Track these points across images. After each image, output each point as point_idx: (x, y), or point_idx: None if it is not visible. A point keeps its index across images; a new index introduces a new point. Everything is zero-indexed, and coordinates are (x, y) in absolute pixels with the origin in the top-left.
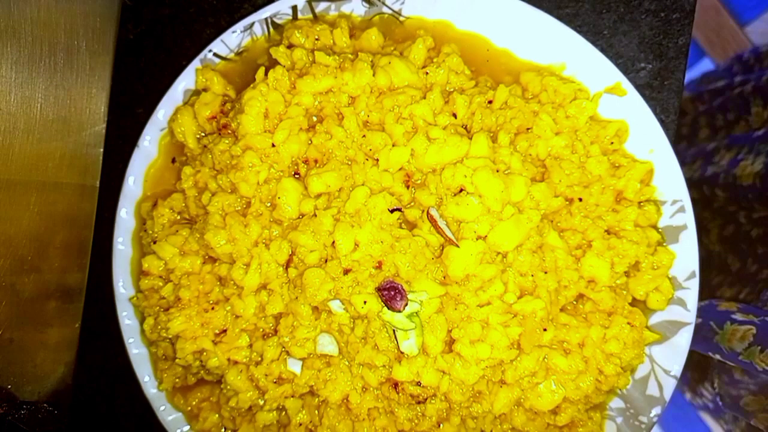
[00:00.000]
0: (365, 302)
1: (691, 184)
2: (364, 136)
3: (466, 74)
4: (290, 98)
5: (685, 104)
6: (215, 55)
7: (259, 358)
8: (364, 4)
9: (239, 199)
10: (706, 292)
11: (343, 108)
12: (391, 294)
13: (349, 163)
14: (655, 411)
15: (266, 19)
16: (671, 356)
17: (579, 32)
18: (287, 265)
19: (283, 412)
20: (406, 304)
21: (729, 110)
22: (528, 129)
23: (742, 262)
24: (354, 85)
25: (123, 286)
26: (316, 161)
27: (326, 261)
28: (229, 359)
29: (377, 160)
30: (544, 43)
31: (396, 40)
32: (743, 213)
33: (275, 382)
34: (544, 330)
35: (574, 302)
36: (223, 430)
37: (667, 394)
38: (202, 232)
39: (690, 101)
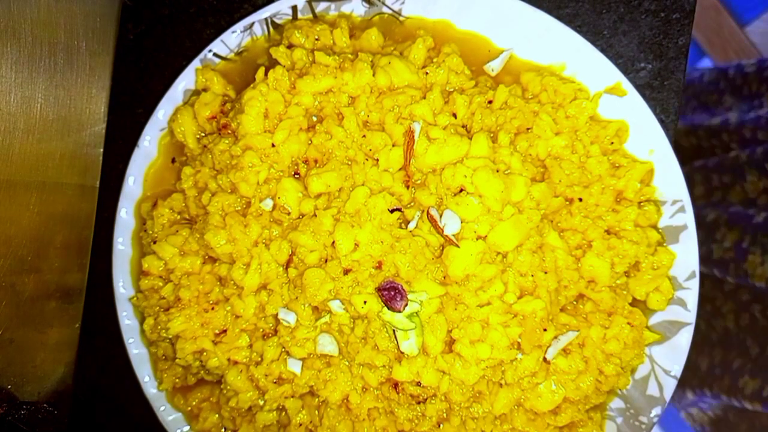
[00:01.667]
0: (365, 302)
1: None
2: (364, 136)
3: (466, 74)
4: (290, 98)
5: (679, 137)
6: (215, 55)
7: (259, 359)
8: (364, 4)
9: (239, 199)
10: (728, 378)
11: (343, 108)
12: (391, 294)
13: (349, 163)
14: (656, 411)
15: (266, 19)
16: (671, 356)
17: (579, 32)
18: (287, 265)
19: (283, 413)
20: (406, 304)
21: (724, 173)
22: (528, 129)
23: (762, 347)
24: (354, 85)
25: (123, 286)
26: (316, 161)
27: (326, 261)
28: (229, 359)
29: (377, 160)
30: (544, 43)
31: (396, 40)
32: (758, 307)
33: (275, 383)
34: (545, 330)
35: (575, 302)
36: (223, 430)
37: (667, 395)
38: (202, 232)
39: (684, 134)
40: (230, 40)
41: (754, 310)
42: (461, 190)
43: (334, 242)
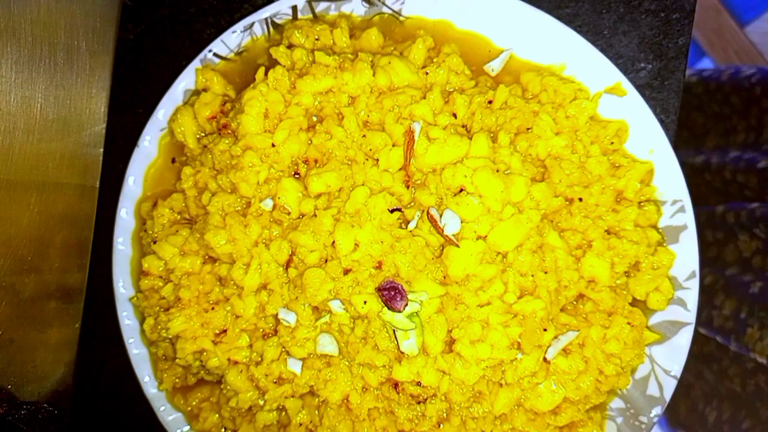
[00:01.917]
0: (365, 302)
1: (699, 321)
2: (364, 136)
3: (466, 74)
4: (290, 98)
5: None
6: (215, 55)
7: (259, 359)
8: (364, 4)
9: (239, 199)
10: None
11: (343, 108)
12: (391, 294)
13: (349, 163)
14: (656, 411)
15: (266, 19)
16: (671, 356)
17: (579, 32)
18: (287, 265)
19: (283, 413)
20: (407, 304)
21: (717, 229)
22: (528, 129)
23: None
24: (354, 85)
25: (123, 286)
26: (316, 161)
27: (326, 261)
28: (229, 359)
29: (377, 160)
30: (544, 43)
31: (396, 40)
32: (764, 378)
33: (275, 382)
34: (545, 330)
35: (575, 302)
36: (223, 430)
37: (667, 394)
38: (202, 232)
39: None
40: (230, 40)
41: (759, 381)
42: (461, 190)
43: (334, 242)
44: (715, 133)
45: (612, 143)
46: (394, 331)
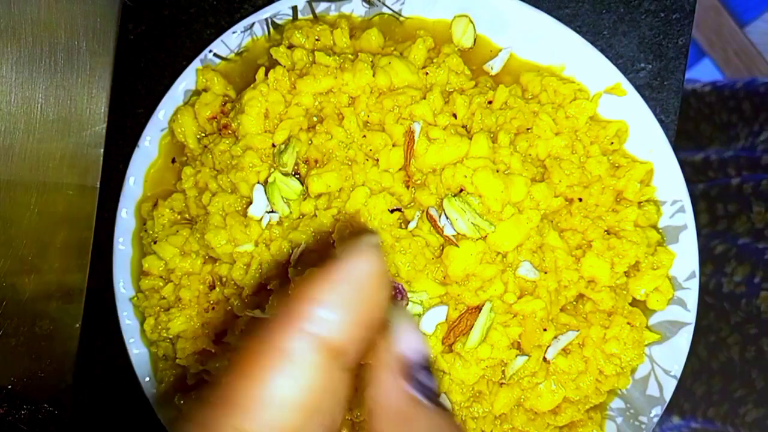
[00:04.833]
0: None
1: (705, 290)
2: (364, 136)
3: (466, 74)
4: (290, 98)
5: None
6: (215, 55)
7: None
8: (364, 4)
9: (240, 199)
10: (727, 405)
11: (343, 108)
12: (391, 294)
13: (350, 163)
14: (655, 411)
15: (266, 19)
16: (671, 356)
17: (579, 32)
18: (287, 266)
19: None
20: (407, 304)
21: (729, 202)
22: (528, 129)
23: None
24: (354, 85)
25: (123, 286)
26: (316, 161)
27: None
28: (229, 360)
29: (377, 160)
30: (544, 43)
31: (396, 40)
32: (767, 341)
33: None
34: (545, 330)
35: (574, 302)
36: None
37: (667, 394)
38: (202, 232)
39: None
40: (230, 41)
41: (762, 344)
42: (461, 190)
43: (334, 242)
44: (719, 142)
45: (612, 143)
46: None
